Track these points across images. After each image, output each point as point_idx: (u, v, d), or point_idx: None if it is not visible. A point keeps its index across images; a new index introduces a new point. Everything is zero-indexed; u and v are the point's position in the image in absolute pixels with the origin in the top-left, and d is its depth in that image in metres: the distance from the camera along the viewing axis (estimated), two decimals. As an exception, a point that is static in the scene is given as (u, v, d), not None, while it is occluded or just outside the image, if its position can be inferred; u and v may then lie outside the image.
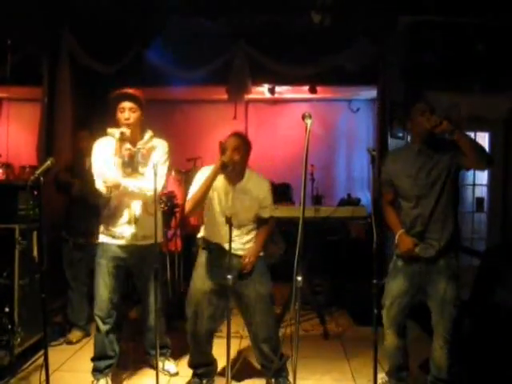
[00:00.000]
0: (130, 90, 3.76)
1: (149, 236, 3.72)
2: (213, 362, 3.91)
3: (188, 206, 3.55)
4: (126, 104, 3.70)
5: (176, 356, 4.39)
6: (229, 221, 3.24)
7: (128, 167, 3.71)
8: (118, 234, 3.75)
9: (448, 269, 3.48)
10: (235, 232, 3.63)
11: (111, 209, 3.76)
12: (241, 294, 3.73)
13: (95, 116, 6.28)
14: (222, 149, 3.59)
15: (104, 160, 3.63)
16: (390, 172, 3.65)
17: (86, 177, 4.53)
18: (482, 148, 3.41)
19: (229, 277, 3.25)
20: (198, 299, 3.70)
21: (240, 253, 3.70)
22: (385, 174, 3.71)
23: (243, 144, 3.64)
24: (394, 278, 3.63)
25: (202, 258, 3.78)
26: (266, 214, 3.78)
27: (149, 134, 3.84)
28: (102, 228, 3.82)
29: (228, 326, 3.26)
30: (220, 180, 3.62)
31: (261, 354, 3.82)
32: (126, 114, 3.69)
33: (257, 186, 3.71)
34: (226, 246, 3.53)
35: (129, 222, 3.75)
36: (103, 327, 3.77)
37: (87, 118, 6.26)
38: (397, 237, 3.61)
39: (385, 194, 3.76)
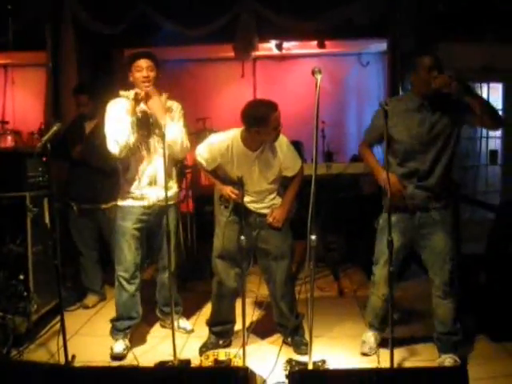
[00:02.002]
0: (148, 52, 3.72)
1: (169, 197, 3.68)
2: (232, 321, 3.92)
3: (202, 170, 3.78)
4: (144, 62, 3.64)
5: (191, 316, 4.42)
6: (240, 180, 3.22)
7: (143, 129, 3.67)
8: (140, 196, 3.75)
9: (443, 221, 3.45)
10: (258, 195, 3.68)
11: (132, 171, 3.74)
12: (263, 250, 3.75)
13: (100, 79, 6.21)
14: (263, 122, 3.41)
15: (117, 120, 3.58)
16: (389, 124, 3.35)
17: (87, 141, 4.51)
18: (494, 110, 3.33)
19: (242, 238, 3.22)
20: (223, 256, 3.73)
21: (264, 211, 3.70)
22: (377, 123, 3.53)
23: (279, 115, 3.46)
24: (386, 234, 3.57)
25: (223, 216, 3.75)
26: (289, 173, 3.72)
27: (164, 95, 3.76)
28: (122, 191, 3.81)
29: (243, 286, 3.26)
30: (239, 146, 3.56)
31: (279, 312, 3.84)
32: (145, 73, 3.63)
33: (276, 146, 3.62)
34: (251, 207, 3.67)
35: (150, 184, 3.75)
36: (130, 287, 3.79)
37: (92, 80, 6.20)
38: (382, 178, 3.36)
39: (368, 139, 3.70)
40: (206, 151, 3.65)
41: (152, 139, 3.72)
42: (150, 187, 3.75)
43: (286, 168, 3.69)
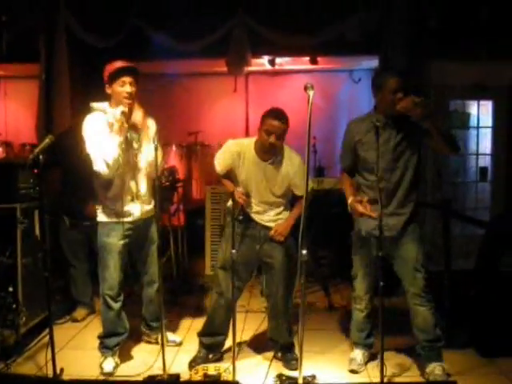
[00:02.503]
0: (129, 63, 3.67)
1: (150, 210, 3.84)
2: (224, 334, 3.88)
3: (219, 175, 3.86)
4: (128, 78, 3.61)
5: (181, 331, 4.41)
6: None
7: (123, 144, 3.65)
8: (124, 213, 3.70)
9: (413, 232, 3.53)
10: (264, 206, 3.75)
11: (114, 188, 3.69)
12: (266, 264, 3.79)
13: (93, 92, 6.21)
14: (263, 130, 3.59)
15: (102, 138, 3.52)
16: (355, 142, 3.58)
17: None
18: (451, 139, 3.42)
19: (233, 251, 3.24)
20: (225, 267, 3.70)
21: (269, 224, 3.75)
22: (348, 142, 3.64)
23: (286, 127, 3.65)
24: (361, 248, 3.67)
25: (229, 227, 3.71)
26: (299, 192, 3.72)
27: (139, 109, 3.75)
28: (104, 208, 3.74)
29: (233, 301, 3.26)
30: (251, 154, 3.66)
31: (274, 326, 3.87)
32: (128, 88, 3.59)
33: (288, 161, 3.70)
34: (256, 218, 3.73)
35: (132, 199, 3.73)
36: (115, 305, 3.77)
37: (86, 93, 6.19)
38: (349, 203, 3.55)
39: (344, 162, 3.73)
40: (220, 154, 3.81)
41: (130, 154, 3.68)
42: (133, 203, 3.73)
43: (295, 186, 3.72)
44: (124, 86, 3.59)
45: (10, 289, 3.90)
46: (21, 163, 4.12)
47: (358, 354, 3.79)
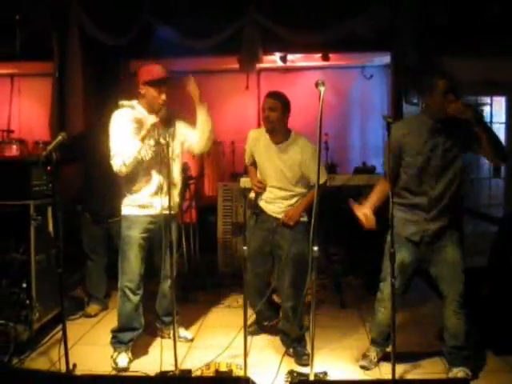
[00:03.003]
0: (167, 73, 3.84)
1: (173, 207, 3.84)
2: (269, 308, 4.29)
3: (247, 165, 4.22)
4: (164, 87, 3.77)
5: (193, 327, 4.43)
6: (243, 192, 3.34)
7: (150, 138, 3.72)
8: (147, 205, 3.77)
9: (452, 236, 3.47)
10: (279, 193, 3.91)
11: (140, 181, 3.76)
12: (277, 255, 3.96)
13: (106, 89, 6.24)
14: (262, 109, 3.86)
15: (124, 138, 3.61)
16: (399, 145, 3.44)
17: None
18: (501, 146, 3.31)
19: (244, 248, 3.26)
20: (250, 258, 3.87)
21: (280, 217, 3.92)
22: (392, 145, 3.37)
23: (278, 102, 3.81)
24: (398, 250, 3.42)
25: (250, 221, 4.10)
26: (312, 181, 3.80)
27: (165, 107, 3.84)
28: (128, 200, 3.81)
29: (244, 298, 3.27)
30: (266, 138, 3.91)
31: (285, 316, 3.96)
32: (164, 96, 3.74)
33: (300, 148, 3.83)
34: (269, 210, 3.96)
35: (156, 193, 3.77)
36: (134, 298, 3.79)
37: (98, 92, 6.23)
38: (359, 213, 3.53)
39: (387, 166, 3.54)
40: (246, 145, 4.13)
41: (157, 148, 3.73)
42: (156, 196, 3.77)
43: (309, 173, 3.79)
44: (161, 94, 3.73)
45: (24, 285, 3.95)
46: (34, 160, 4.15)
47: (373, 352, 3.78)
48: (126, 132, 3.64)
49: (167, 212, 3.72)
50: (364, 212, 3.49)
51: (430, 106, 3.40)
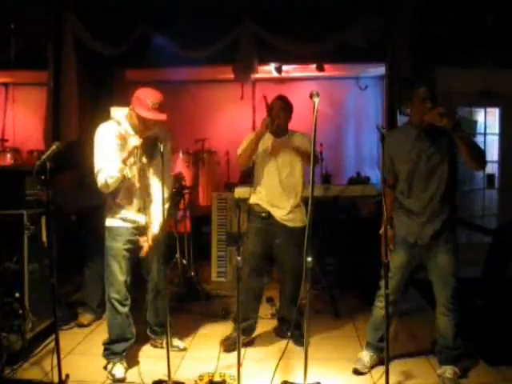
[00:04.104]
0: (162, 112, 3.63)
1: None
2: (254, 322, 4.29)
3: (239, 158, 4.11)
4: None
5: (187, 337, 4.43)
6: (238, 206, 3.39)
7: (131, 156, 3.70)
8: (128, 219, 3.75)
9: (446, 243, 3.54)
10: (282, 193, 4.07)
11: (122, 197, 3.74)
12: (279, 262, 4.23)
13: (101, 98, 6.25)
14: (270, 109, 4.12)
15: (109, 156, 3.57)
16: (390, 154, 3.62)
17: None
18: (479, 152, 3.43)
19: (238, 258, 3.26)
20: (249, 261, 4.09)
21: (286, 221, 4.07)
22: (386, 155, 3.66)
23: (287, 105, 4.20)
24: (395, 250, 3.67)
25: (251, 224, 4.20)
26: (306, 162, 3.99)
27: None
28: (111, 213, 3.79)
29: (237, 310, 3.26)
30: (265, 138, 4.07)
31: (287, 308, 4.27)
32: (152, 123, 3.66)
33: (298, 138, 4.12)
34: (272, 211, 4.07)
35: (139, 210, 3.77)
36: (123, 309, 3.78)
37: (94, 102, 6.23)
38: (381, 231, 3.59)
39: (387, 178, 3.75)
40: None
41: (139, 167, 3.72)
42: (139, 213, 3.77)
43: (304, 154, 4.00)
44: (148, 127, 3.67)
45: (17, 294, 3.92)
46: (28, 170, 4.14)
47: (366, 356, 3.84)
48: (110, 149, 3.59)
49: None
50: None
51: (412, 114, 3.58)
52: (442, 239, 3.54)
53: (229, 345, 4.13)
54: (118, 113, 3.76)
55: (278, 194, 4.07)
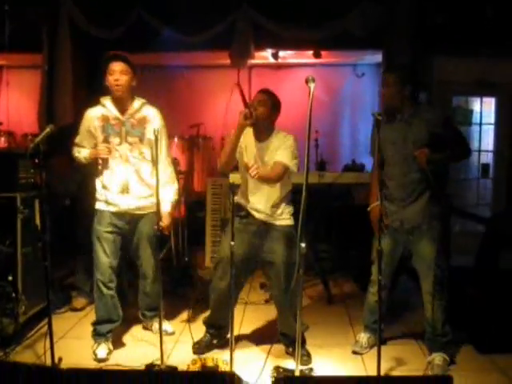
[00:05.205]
0: (119, 52, 3.70)
1: (143, 207, 3.84)
2: (226, 326, 3.81)
3: (219, 161, 3.76)
4: (117, 65, 3.63)
5: (180, 322, 4.44)
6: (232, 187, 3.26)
7: (116, 137, 3.73)
8: (111, 201, 3.78)
9: (429, 231, 3.58)
10: (263, 195, 3.69)
11: (105, 176, 3.77)
12: (267, 261, 3.74)
13: (96, 82, 6.20)
14: (250, 104, 3.65)
15: (84, 138, 3.81)
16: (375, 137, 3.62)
17: None
18: (458, 157, 3.80)
19: (232, 243, 3.24)
20: (224, 263, 3.68)
21: (269, 220, 3.71)
22: (373, 139, 3.71)
23: (268, 99, 3.71)
24: (382, 236, 3.62)
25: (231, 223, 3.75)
26: (277, 157, 3.60)
27: (139, 101, 3.81)
28: (98, 195, 3.84)
29: (230, 296, 3.27)
30: (249, 138, 3.71)
31: (283, 319, 3.80)
32: (117, 75, 3.62)
33: (279, 141, 3.69)
34: (253, 213, 3.72)
35: (122, 192, 3.77)
36: (106, 291, 3.81)
37: (89, 87, 6.19)
38: (370, 207, 3.80)
39: (374, 160, 3.83)
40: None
41: (123, 147, 3.74)
42: (122, 195, 3.77)
43: (279, 154, 3.62)
44: (113, 75, 3.63)
45: (10, 278, 3.93)
46: (21, 153, 4.14)
47: (364, 338, 3.92)
48: (87, 132, 3.77)
49: (137, 212, 3.83)
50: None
51: (389, 99, 3.66)
52: (425, 226, 3.58)
53: (198, 349, 3.88)
54: (104, 98, 3.80)
55: (257, 196, 3.72)
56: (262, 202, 3.70)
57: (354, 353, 3.85)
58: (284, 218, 3.75)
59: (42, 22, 5.96)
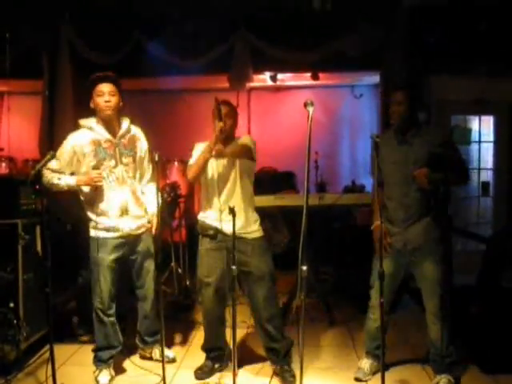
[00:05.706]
0: (109, 72, 3.71)
1: (140, 226, 3.85)
2: (225, 347, 3.95)
3: (190, 173, 3.66)
4: (105, 87, 3.65)
5: (182, 346, 4.42)
6: (232, 211, 3.23)
7: (111, 159, 3.72)
8: (111, 227, 3.74)
9: (431, 253, 3.56)
10: (233, 203, 3.57)
11: (102, 203, 3.73)
12: (244, 273, 3.73)
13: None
14: (217, 116, 3.63)
15: (69, 160, 3.71)
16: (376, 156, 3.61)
17: None
18: (457, 180, 3.69)
19: (233, 267, 3.25)
20: (203, 286, 3.75)
21: (240, 234, 3.61)
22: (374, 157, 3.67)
23: (231, 110, 3.81)
24: (384, 258, 3.60)
25: (202, 245, 3.79)
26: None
27: (126, 121, 3.84)
28: (93, 223, 3.77)
29: (234, 315, 3.25)
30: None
31: (266, 335, 3.78)
32: (106, 97, 3.63)
33: (237, 142, 3.76)
34: (221, 227, 3.67)
35: (121, 215, 3.75)
36: (107, 319, 3.79)
37: (88, 109, 6.22)
38: (373, 227, 3.73)
39: (375, 180, 3.79)
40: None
41: (119, 169, 3.75)
42: (122, 218, 3.75)
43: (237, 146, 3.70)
44: (103, 96, 3.64)
45: (11, 304, 3.91)
46: (22, 179, 4.14)
47: (366, 364, 3.85)
48: (70, 158, 3.72)
49: (135, 232, 3.81)
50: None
51: (391, 117, 3.64)
52: (427, 248, 3.56)
53: (201, 374, 3.86)
54: (86, 120, 3.79)
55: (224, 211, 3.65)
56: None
57: (357, 380, 3.77)
58: (254, 230, 3.75)
59: (42, 48, 6.01)
